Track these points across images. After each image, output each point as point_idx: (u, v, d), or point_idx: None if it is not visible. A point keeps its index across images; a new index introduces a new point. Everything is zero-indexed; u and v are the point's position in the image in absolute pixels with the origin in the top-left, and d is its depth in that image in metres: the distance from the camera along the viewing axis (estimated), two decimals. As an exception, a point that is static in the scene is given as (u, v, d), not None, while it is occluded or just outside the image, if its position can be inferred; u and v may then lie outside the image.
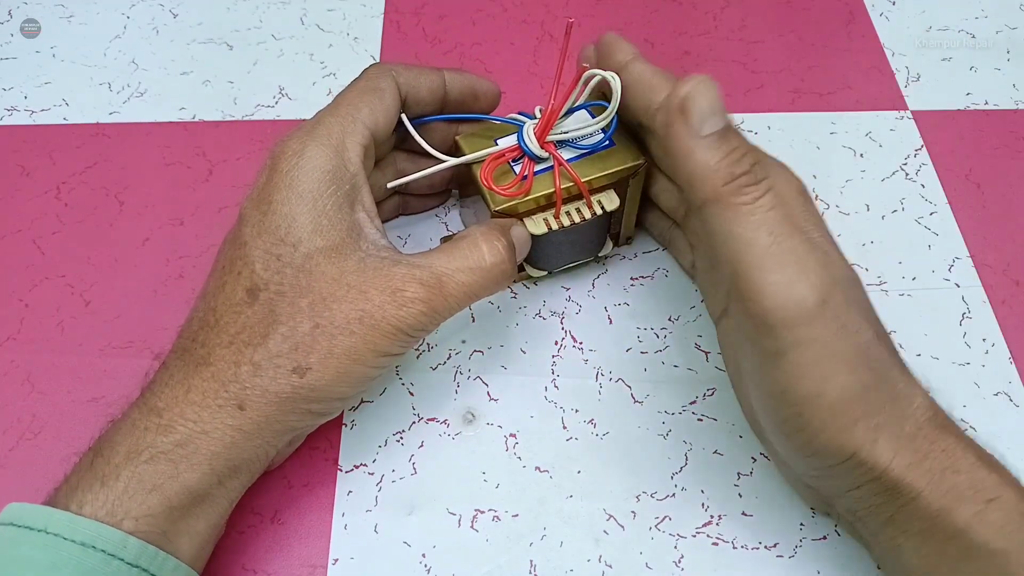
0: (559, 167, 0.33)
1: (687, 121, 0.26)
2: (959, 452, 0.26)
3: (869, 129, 0.45)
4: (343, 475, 0.34)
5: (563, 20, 0.50)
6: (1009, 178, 0.43)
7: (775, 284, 0.25)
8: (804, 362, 0.25)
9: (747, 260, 0.25)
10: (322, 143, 0.30)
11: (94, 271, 0.40)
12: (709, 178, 0.26)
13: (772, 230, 0.25)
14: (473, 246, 0.31)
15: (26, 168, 0.43)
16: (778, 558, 0.32)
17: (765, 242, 0.25)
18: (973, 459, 0.26)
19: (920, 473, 0.26)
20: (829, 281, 0.26)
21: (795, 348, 0.25)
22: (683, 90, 0.26)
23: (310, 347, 0.28)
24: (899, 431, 0.26)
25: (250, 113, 0.45)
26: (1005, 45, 0.48)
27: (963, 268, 0.40)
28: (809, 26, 0.49)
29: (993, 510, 0.25)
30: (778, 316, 0.25)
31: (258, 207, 0.30)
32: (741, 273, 0.26)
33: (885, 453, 0.26)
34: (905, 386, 0.27)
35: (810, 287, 0.25)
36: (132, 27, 0.49)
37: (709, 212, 0.26)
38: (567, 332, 0.38)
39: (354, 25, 0.49)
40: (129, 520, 0.26)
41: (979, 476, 0.26)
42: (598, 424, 0.35)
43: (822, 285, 0.25)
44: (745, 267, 0.25)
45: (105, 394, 0.36)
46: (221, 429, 0.28)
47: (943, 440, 0.26)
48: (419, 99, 0.34)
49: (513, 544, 0.33)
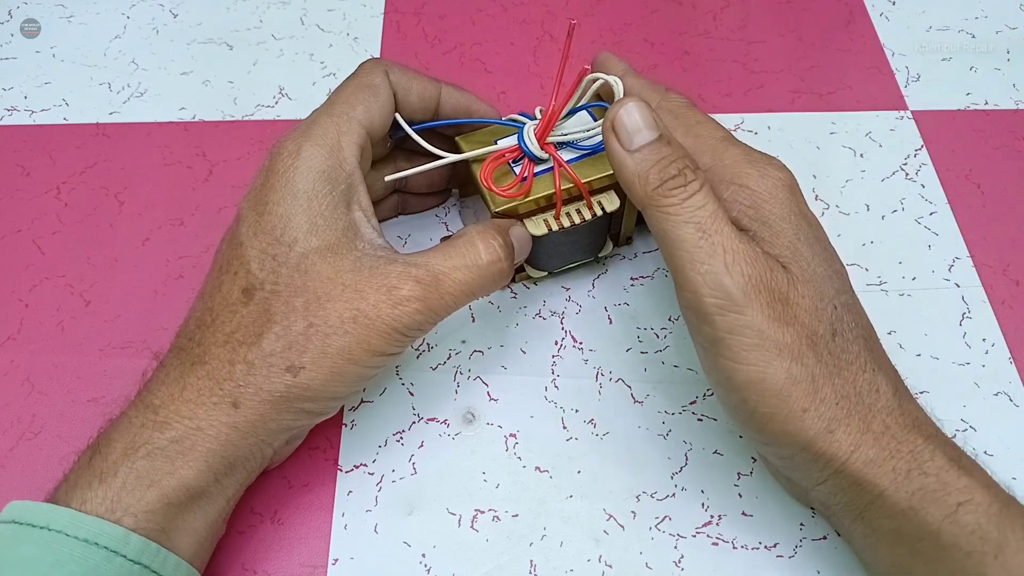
0: (559, 168, 0.33)
1: (618, 140, 0.29)
2: (927, 453, 0.26)
3: (869, 129, 0.45)
4: (343, 475, 0.34)
5: (563, 20, 0.50)
6: (1009, 178, 0.43)
7: (704, 274, 0.27)
8: (741, 347, 0.27)
9: (679, 255, 0.28)
10: (317, 143, 0.30)
11: (94, 271, 0.40)
12: (640, 185, 0.28)
13: (701, 226, 0.27)
14: (469, 244, 0.31)
15: (26, 168, 0.43)
16: (778, 558, 0.32)
17: (693, 238, 0.27)
18: (943, 461, 0.26)
19: (884, 471, 0.26)
20: (761, 270, 0.27)
21: (730, 334, 0.27)
22: (612, 113, 0.29)
23: (304, 346, 0.28)
24: (862, 427, 0.27)
25: (250, 113, 0.45)
26: (1005, 45, 0.48)
27: (963, 268, 0.40)
28: (809, 26, 0.49)
29: (964, 513, 0.25)
30: (709, 303, 0.27)
31: (255, 207, 0.30)
32: (676, 268, 0.28)
33: (843, 447, 0.26)
34: (870, 384, 0.27)
35: (737, 275, 0.27)
36: (132, 27, 0.49)
37: (647, 216, 0.29)
38: (567, 332, 0.38)
39: (354, 25, 0.49)
40: (129, 517, 0.26)
41: (949, 478, 0.26)
42: (598, 424, 0.35)
43: (753, 274, 0.27)
44: (678, 261, 0.28)
45: (104, 394, 0.36)
46: (216, 426, 0.28)
47: (912, 440, 0.27)
48: (408, 103, 0.34)
49: (513, 544, 0.33)
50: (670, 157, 0.28)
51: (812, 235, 0.29)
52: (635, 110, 0.29)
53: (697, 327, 0.28)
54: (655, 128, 0.29)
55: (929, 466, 0.26)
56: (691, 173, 0.28)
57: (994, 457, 0.34)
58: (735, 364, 0.27)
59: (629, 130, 0.28)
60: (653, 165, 0.28)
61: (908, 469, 0.26)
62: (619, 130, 0.29)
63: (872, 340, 0.29)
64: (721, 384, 0.28)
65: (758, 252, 0.28)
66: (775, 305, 0.27)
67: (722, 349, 0.27)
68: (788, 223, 0.29)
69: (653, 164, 0.28)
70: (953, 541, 0.25)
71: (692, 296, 0.27)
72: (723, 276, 0.27)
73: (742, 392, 0.27)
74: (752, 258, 0.27)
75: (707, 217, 0.27)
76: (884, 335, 0.37)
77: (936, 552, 0.26)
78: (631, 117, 0.28)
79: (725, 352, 0.27)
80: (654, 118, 0.29)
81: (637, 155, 0.28)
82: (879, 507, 0.27)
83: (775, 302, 0.27)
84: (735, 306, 0.27)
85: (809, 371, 0.27)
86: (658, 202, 0.28)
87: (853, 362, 0.27)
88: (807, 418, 0.26)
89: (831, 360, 0.27)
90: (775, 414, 0.27)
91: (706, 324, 0.27)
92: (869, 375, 0.27)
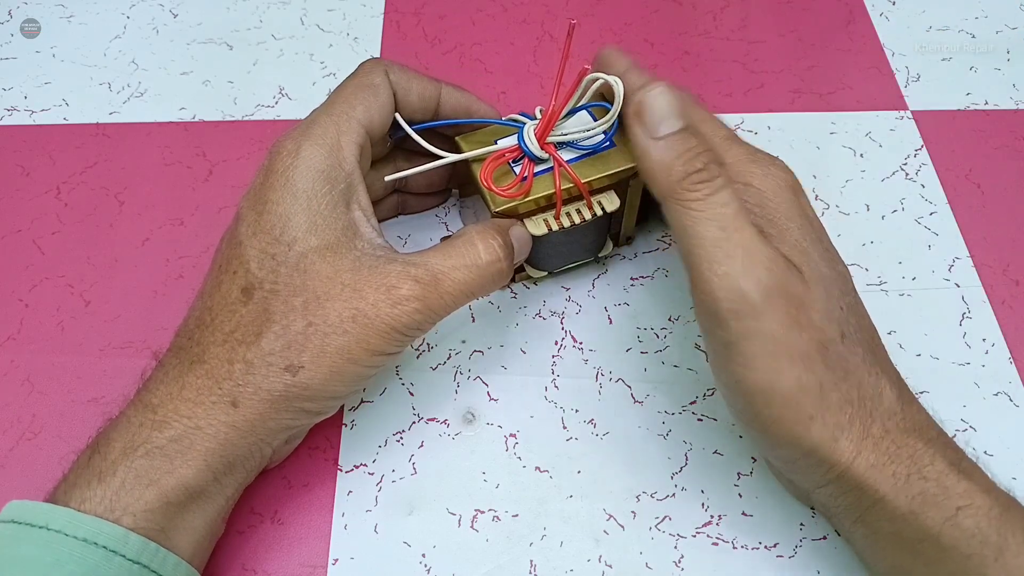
0: (559, 168, 0.33)
1: (643, 125, 0.28)
2: (928, 457, 0.26)
3: (869, 129, 0.45)
4: (343, 475, 0.34)
5: (563, 20, 0.50)
6: (1009, 178, 0.43)
7: (722, 276, 0.26)
8: (753, 354, 0.26)
9: (697, 253, 0.27)
10: (317, 142, 0.30)
11: (94, 271, 0.40)
12: (663, 176, 0.27)
13: (723, 225, 0.26)
14: (469, 244, 0.31)
15: (26, 168, 0.43)
16: (778, 558, 0.32)
17: (714, 236, 0.26)
18: (944, 465, 0.26)
19: (885, 476, 0.26)
20: (780, 275, 0.26)
21: (744, 339, 0.26)
22: (639, 97, 0.28)
23: (303, 346, 0.28)
24: (864, 432, 0.26)
25: (250, 113, 0.45)
26: (1005, 45, 0.48)
27: (963, 268, 0.40)
28: (809, 26, 0.49)
29: (964, 517, 0.25)
30: (724, 307, 0.26)
31: (254, 207, 0.30)
32: (693, 265, 0.27)
33: (846, 453, 0.26)
34: (874, 388, 0.27)
35: (756, 280, 0.26)
36: (132, 27, 0.49)
37: (667, 208, 0.28)
38: (567, 332, 0.38)
39: (354, 25, 0.49)
40: (128, 516, 0.26)
41: (949, 483, 0.26)
42: (598, 424, 0.35)
43: (770, 278, 0.26)
44: (696, 259, 0.27)
45: (104, 394, 0.36)
46: (215, 426, 0.28)
47: (912, 444, 0.26)
48: (408, 103, 0.34)
49: (513, 544, 0.33)
50: (696, 149, 0.27)
51: (815, 236, 0.29)
52: (663, 95, 0.27)
53: (710, 328, 0.27)
54: (682, 117, 0.28)
55: (929, 470, 0.26)
56: (716, 168, 0.27)
57: (994, 457, 0.34)
58: (746, 370, 0.26)
59: (656, 116, 0.27)
60: (679, 156, 0.27)
61: (908, 473, 0.26)
62: (645, 115, 0.28)
63: (875, 342, 0.29)
64: (729, 387, 0.28)
65: (778, 255, 0.27)
66: (791, 310, 0.26)
67: (734, 354, 0.26)
68: (793, 223, 0.29)
69: (679, 155, 0.27)
70: (954, 544, 0.25)
71: (707, 298, 0.27)
72: (741, 280, 0.26)
73: (750, 397, 0.27)
74: (771, 260, 0.26)
75: (730, 216, 0.27)
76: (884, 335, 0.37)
77: (937, 555, 0.26)
78: (658, 103, 0.27)
79: (737, 357, 0.26)
80: (682, 106, 0.28)
81: (662, 144, 0.27)
82: (880, 511, 0.27)
83: (791, 307, 0.26)
84: (752, 311, 0.26)
85: (818, 378, 0.26)
86: (681, 195, 0.27)
87: (860, 366, 0.27)
88: (813, 425, 0.26)
89: (838, 365, 0.27)
90: (781, 420, 0.26)
91: (720, 328, 0.27)
92: (873, 379, 0.27)
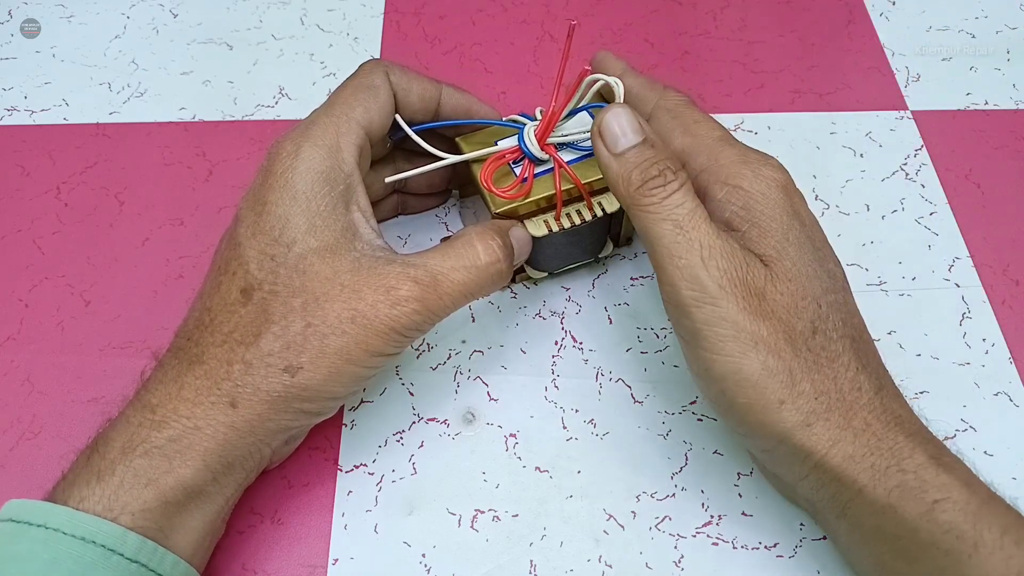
0: (559, 169, 0.33)
1: (604, 142, 0.30)
2: (907, 450, 0.27)
3: (869, 129, 0.45)
4: (343, 475, 0.34)
5: (563, 20, 0.50)
6: (1009, 178, 0.43)
7: (681, 267, 0.28)
8: (717, 338, 0.27)
9: (659, 250, 0.28)
10: (316, 143, 0.30)
11: (94, 271, 0.40)
12: (623, 186, 0.29)
13: (679, 223, 0.28)
14: (468, 245, 0.31)
15: (26, 168, 0.43)
16: (778, 558, 0.32)
17: (671, 233, 0.28)
18: (923, 458, 0.26)
19: (863, 467, 0.27)
20: (738, 266, 0.28)
21: (707, 326, 0.28)
22: (599, 117, 0.30)
23: (302, 346, 0.28)
24: (843, 423, 0.27)
25: (250, 113, 0.45)
26: (1005, 45, 0.48)
27: (963, 268, 0.40)
28: (809, 26, 0.49)
29: (940, 511, 0.25)
30: (685, 295, 0.28)
31: (253, 208, 0.30)
32: (656, 263, 0.29)
33: (821, 441, 0.27)
34: (852, 383, 0.28)
35: (712, 269, 0.28)
36: (132, 27, 0.49)
37: (631, 215, 0.30)
38: (567, 332, 0.38)
39: (354, 25, 0.49)
40: (126, 515, 0.26)
41: (927, 476, 0.26)
42: (598, 424, 0.35)
43: (728, 269, 0.28)
44: (658, 256, 0.29)
45: (104, 394, 0.36)
46: (213, 426, 0.28)
47: (892, 437, 0.27)
48: (408, 103, 0.34)
49: (513, 544, 0.33)
50: (653, 159, 0.29)
51: (804, 235, 0.29)
52: (620, 115, 0.30)
53: (677, 320, 0.29)
54: (639, 132, 0.30)
55: (908, 463, 0.26)
56: (671, 174, 0.29)
57: (994, 457, 0.34)
58: (712, 355, 0.28)
59: (614, 134, 0.30)
60: (636, 166, 0.29)
61: (887, 466, 0.26)
62: (605, 134, 0.30)
63: (861, 341, 0.29)
64: (701, 376, 0.29)
65: (735, 248, 0.28)
66: (750, 299, 0.28)
67: (700, 340, 0.28)
68: (777, 222, 0.29)
69: (636, 166, 0.29)
70: (931, 539, 0.25)
71: (671, 289, 0.28)
72: (699, 270, 0.28)
73: (720, 383, 0.28)
74: (728, 253, 0.28)
75: (685, 215, 0.28)
76: (884, 335, 0.38)
77: (917, 551, 0.26)
78: (617, 121, 0.30)
79: (703, 343, 0.28)
80: (639, 123, 0.30)
81: (621, 158, 0.30)
82: (860, 503, 0.27)
83: (751, 296, 0.28)
84: (710, 298, 0.27)
85: (786, 364, 0.27)
86: (639, 201, 0.29)
87: (835, 360, 0.28)
88: (784, 410, 0.27)
89: (810, 356, 0.28)
90: (752, 405, 0.27)
91: (685, 317, 0.28)
92: (852, 373, 0.28)
